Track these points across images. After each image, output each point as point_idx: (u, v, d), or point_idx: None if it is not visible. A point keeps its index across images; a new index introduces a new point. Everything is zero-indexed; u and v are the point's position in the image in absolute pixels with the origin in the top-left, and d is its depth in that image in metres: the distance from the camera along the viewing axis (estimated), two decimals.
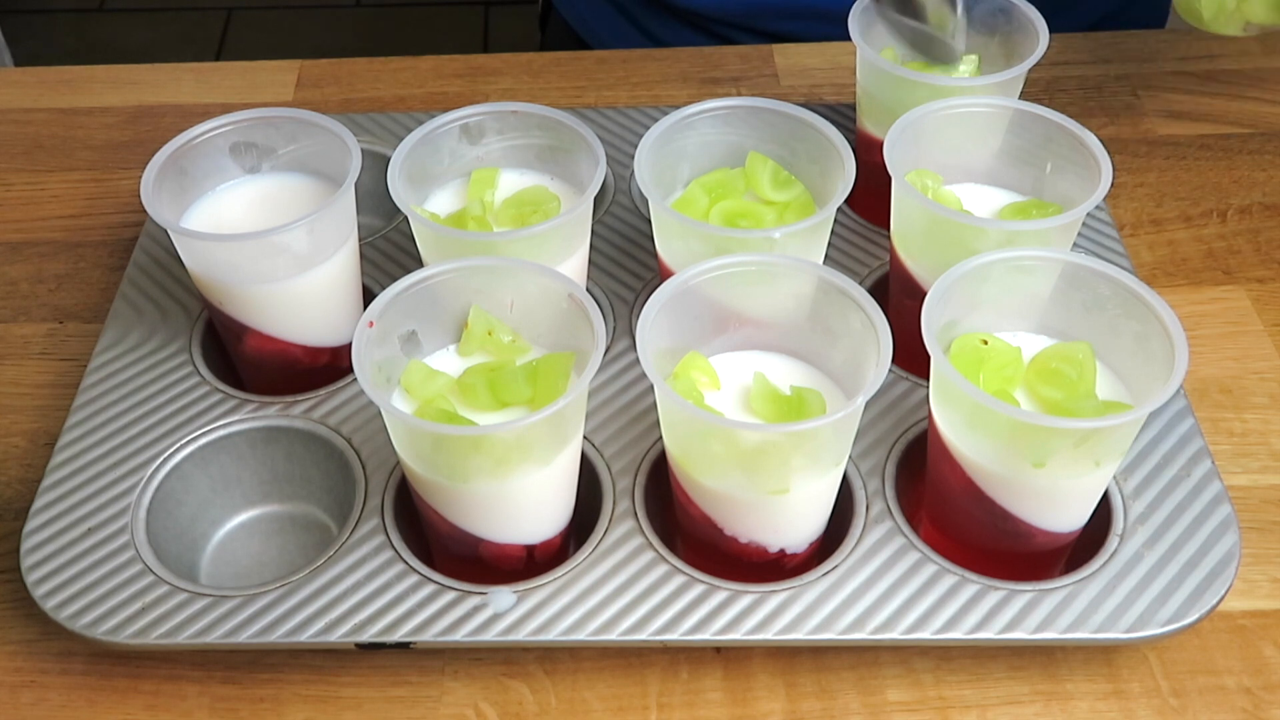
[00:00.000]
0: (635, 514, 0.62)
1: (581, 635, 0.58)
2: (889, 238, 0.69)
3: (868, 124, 0.76)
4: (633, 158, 0.66)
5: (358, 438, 0.66)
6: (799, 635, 0.58)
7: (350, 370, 0.58)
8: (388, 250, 0.77)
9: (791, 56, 0.96)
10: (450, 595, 0.59)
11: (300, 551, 0.67)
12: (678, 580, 0.59)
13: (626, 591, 0.59)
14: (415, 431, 0.56)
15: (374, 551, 0.61)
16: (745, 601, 0.58)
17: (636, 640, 0.58)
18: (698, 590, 0.59)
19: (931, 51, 0.75)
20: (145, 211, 0.64)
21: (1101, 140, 0.65)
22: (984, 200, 0.69)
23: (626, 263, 0.76)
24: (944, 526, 0.62)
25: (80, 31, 2.41)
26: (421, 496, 0.59)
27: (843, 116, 0.83)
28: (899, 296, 0.69)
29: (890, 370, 0.65)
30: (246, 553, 0.67)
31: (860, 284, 0.65)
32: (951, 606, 0.58)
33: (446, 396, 0.59)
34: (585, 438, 0.65)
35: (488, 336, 0.61)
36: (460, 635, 0.58)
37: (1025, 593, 0.59)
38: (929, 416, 0.59)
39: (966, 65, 0.75)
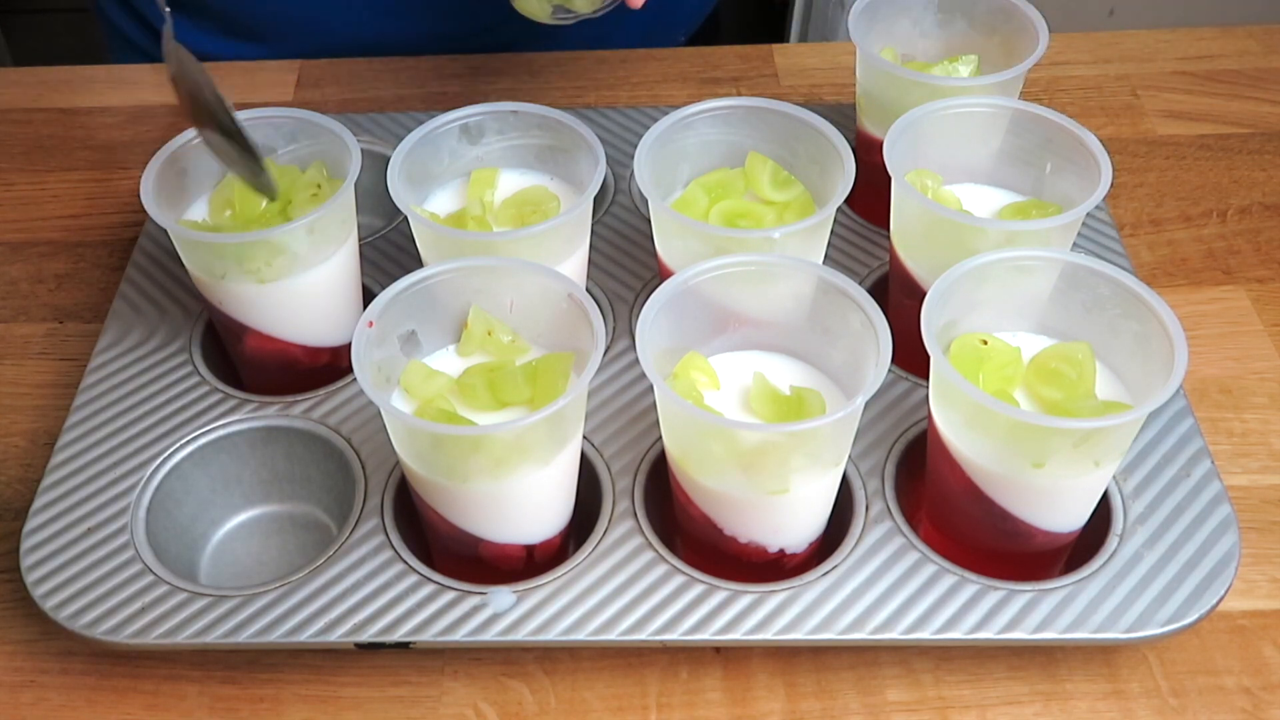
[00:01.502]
0: (635, 514, 0.62)
1: (581, 635, 0.58)
2: (889, 238, 0.69)
3: (868, 124, 0.76)
4: (633, 158, 0.66)
5: (358, 438, 0.66)
6: (799, 635, 0.58)
7: (350, 370, 0.58)
8: (388, 250, 0.77)
9: (791, 56, 0.96)
10: (450, 595, 0.59)
11: (300, 551, 0.67)
12: (677, 580, 0.59)
13: (626, 591, 0.59)
14: (415, 431, 0.56)
15: (374, 551, 0.61)
16: (745, 601, 0.58)
17: (636, 640, 0.58)
18: (697, 590, 0.59)
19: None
20: (145, 211, 0.64)
21: (1101, 140, 0.65)
22: (984, 200, 0.69)
23: (626, 263, 0.76)
24: (944, 526, 0.62)
25: (80, 31, 2.41)
26: (421, 496, 0.59)
27: (843, 116, 0.83)
28: (899, 296, 0.69)
29: (890, 370, 0.65)
30: (246, 553, 0.67)
31: (860, 284, 0.65)
32: (951, 606, 0.58)
33: (446, 396, 0.59)
34: (585, 438, 0.65)
35: (487, 336, 0.61)
36: (460, 635, 0.58)
37: (1025, 593, 0.59)
38: (929, 416, 0.59)
39: (966, 65, 0.75)
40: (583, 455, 0.63)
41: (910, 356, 0.64)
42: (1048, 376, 0.58)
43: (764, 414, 0.58)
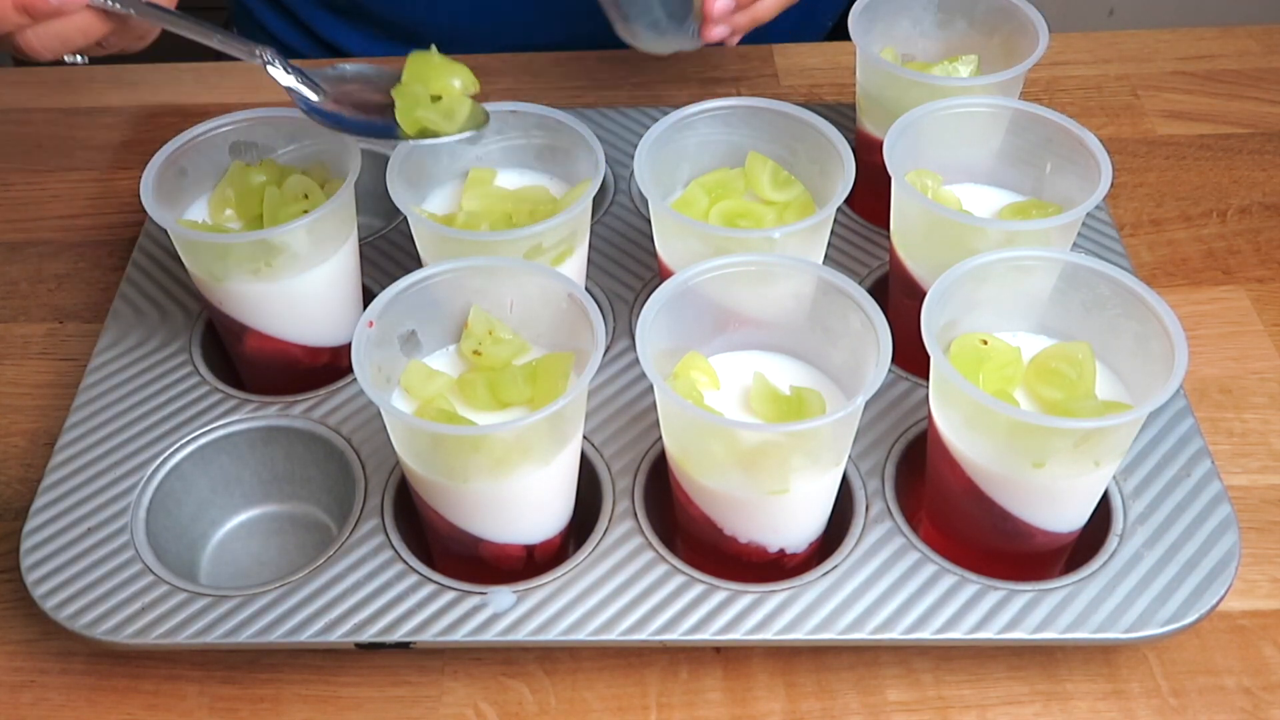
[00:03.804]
0: (635, 514, 0.62)
1: (581, 635, 0.58)
2: (889, 238, 0.69)
3: (868, 124, 0.76)
4: (633, 158, 0.66)
5: (358, 438, 0.66)
6: (799, 635, 0.58)
7: (350, 370, 0.58)
8: (388, 250, 0.77)
9: (791, 56, 0.96)
10: (450, 595, 0.59)
11: (300, 551, 0.67)
12: (677, 580, 0.59)
13: (626, 591, 0.59)
14: (415, 431, 0.56)
15: (374, 551, 0.61)
16: (745, 601, 0.58)
17: (636, 640, 0.58)
18: (697, 590, 0.59)
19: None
20: (145, 211, 0.64)
21: (1101, 140, 0.65)
22: (984, 200, 0.69)
23: (626, 263, 0.76)
24: (944, 526, 0.62)
25: None
26: (421, 496, 0.59)
27: (843, 116, 0.83)
28: (899, 296, 0.69)
29: (890, 370, 0.65)
30: (246, 553, 0.67)
31: (860, 284, 0.65)
32: (951, 606, 0.58)
33: (446, 396, 0.59)
34: (585, 438, 0.65)
35: (488, 336, 0.61)
36: (460, 635, 0.58)
37: (1025, 593, 0.59)
38: (929, 416, 0.59)
39: (966, 65, 0.75)
40: (583, 455, 0.63)
41: (910, 356, 0.64)
42: (1048, 376, 0.58)
43: (764, 414, 0.58)
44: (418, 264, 0.68)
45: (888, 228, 0.69)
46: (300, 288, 0.66)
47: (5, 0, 0.59)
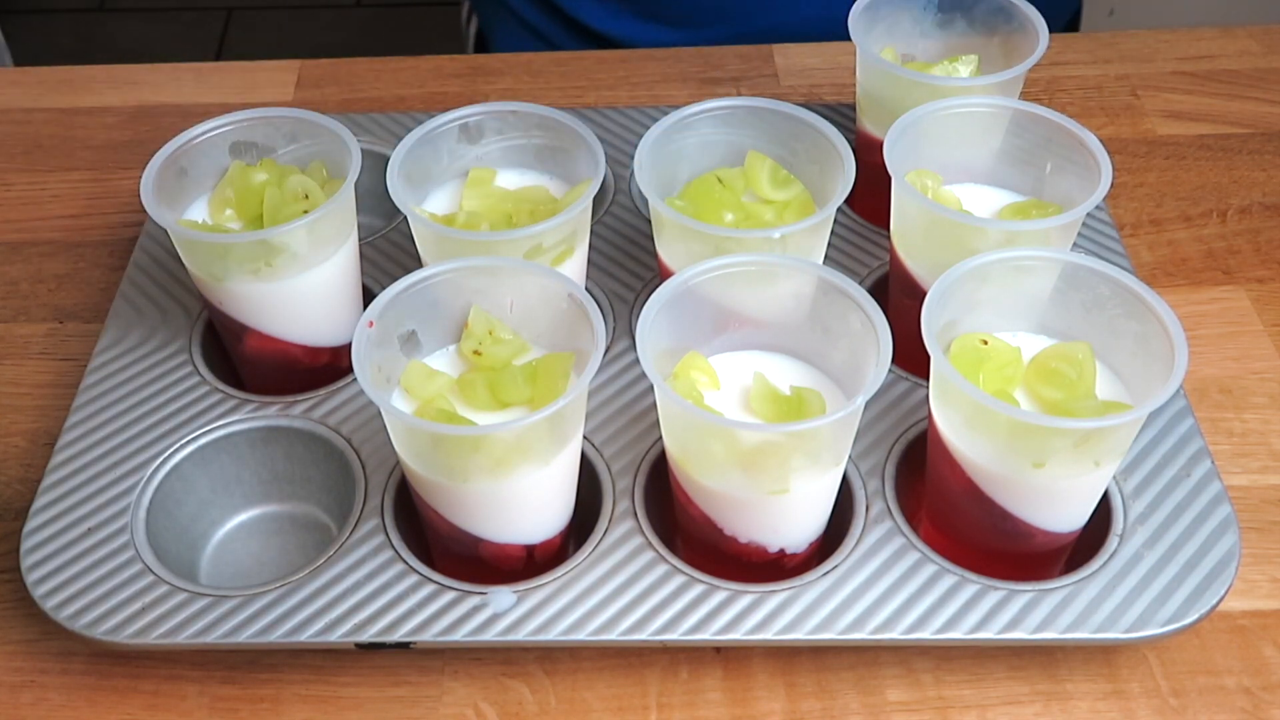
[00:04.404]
0: (635, 514, 0.62)
1: (581, 635, 0.58)
2: (889, 238, 0.69)
3: (868, 124, 0.76)
4: (633, 158, 0.66)
5: (358, 438, 0.66)
6: (799, 635, 0.58)
7: (350, 370, 0.58)
8: (388, 250, 0.77)
9: (791, 56, 0.96)
10: (450, 595, 0.59)
11: (300, 551, 0.67)
12: (678, 580, 0.59)
13: (626, 591, 0.59)
14: (415, 431, 0.56)
15: (374, 551, 0.61)
16: (745, 601, 0.58)
17: (636, 640, 0.58)
18: (697, 590, 0.59)
19: None
20: (145, 211, 0.64)
21: (1101, 140, 0.65)
22: (984, 200, 0.69)
23: (626, 263, 0.76)
24: (944, 526, 0.62)
25: (80, 31, 2.41)
26: (421, 496, 0.59)
27: (843, 116, 0.83)
28: (899, 296, 0.69)
29: (890, 370, 0.65)
30: (246, 553, 0.67)
31: (860, 284, 0.65)
32: (951, 606, 0.58)
33: (446, 396, 0.59)
34: (585, 438, 0.65)
35: (488, 336, 0.61)
36: (460, 635, 0.58)
37: (1025, 593, 0.59)
38: (929, 416, 0.59)
39: (966, 65, 0.75)
40: (583, 455, 0.63)
41: (910, 356, 0.64)
42: (1048, 376, 0.58)
43: (764, 414, 0.58)
44: (418, 264, 0.68)
45: (888, 228, 0.69)
46: (300, 288, 0.66)
47: None
